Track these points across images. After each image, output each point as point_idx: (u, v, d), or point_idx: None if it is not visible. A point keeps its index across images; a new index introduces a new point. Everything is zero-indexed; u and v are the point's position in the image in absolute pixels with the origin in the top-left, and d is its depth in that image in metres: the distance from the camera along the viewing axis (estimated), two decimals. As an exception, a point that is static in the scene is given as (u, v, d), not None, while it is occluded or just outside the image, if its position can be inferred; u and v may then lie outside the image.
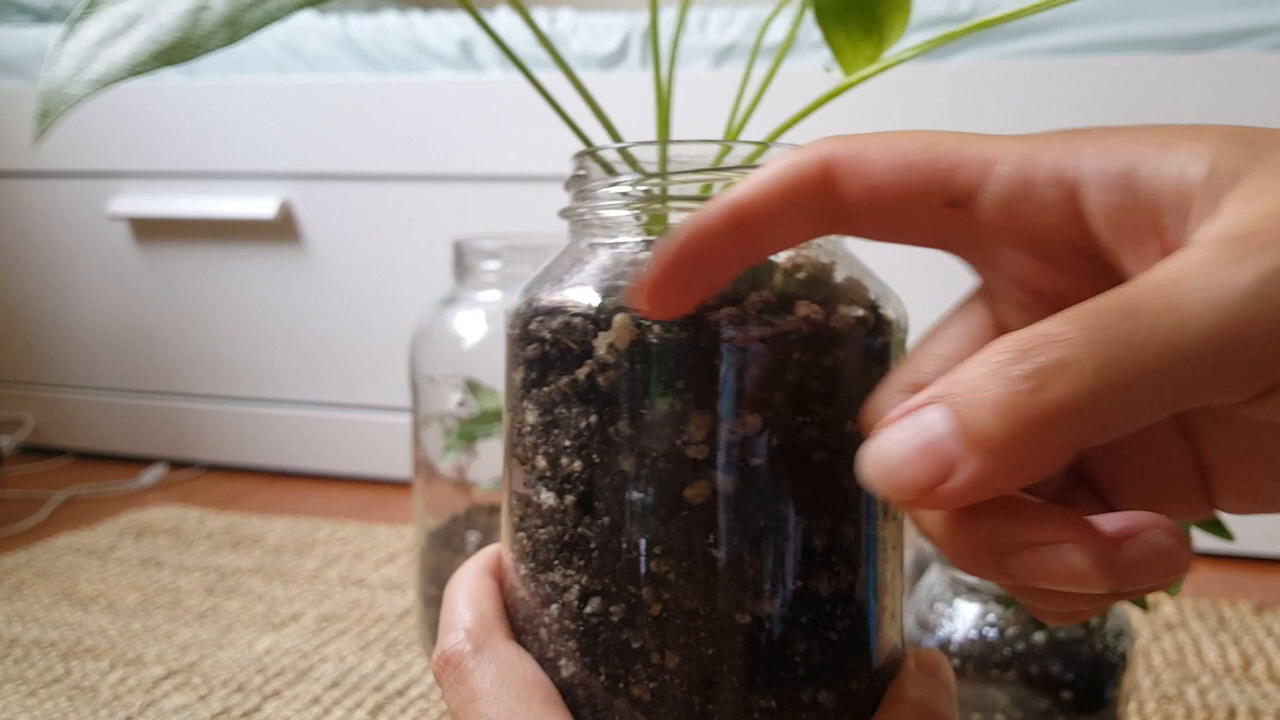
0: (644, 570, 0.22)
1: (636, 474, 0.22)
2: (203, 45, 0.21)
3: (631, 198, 0.24)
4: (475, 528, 0.65)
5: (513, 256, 0.63)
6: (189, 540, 0.92)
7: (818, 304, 0.22)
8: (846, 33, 0.25)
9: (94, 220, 1.19)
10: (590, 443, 0.23)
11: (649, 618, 0.22)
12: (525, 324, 0.24)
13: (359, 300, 1.13)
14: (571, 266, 0.24)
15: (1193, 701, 0.62)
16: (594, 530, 0.23)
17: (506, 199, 1.07)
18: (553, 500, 0.23)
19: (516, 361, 0.24)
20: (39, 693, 0.63)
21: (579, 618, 0.23)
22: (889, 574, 0.24)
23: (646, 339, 0.22)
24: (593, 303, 0.23)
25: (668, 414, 0.22)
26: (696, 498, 0.22)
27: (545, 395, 0.23)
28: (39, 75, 0.21)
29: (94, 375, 1.24)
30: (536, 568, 0.24)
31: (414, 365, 0.65)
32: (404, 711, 0.61)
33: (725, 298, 0.22)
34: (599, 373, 0.22)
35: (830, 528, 0.23)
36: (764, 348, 0.22)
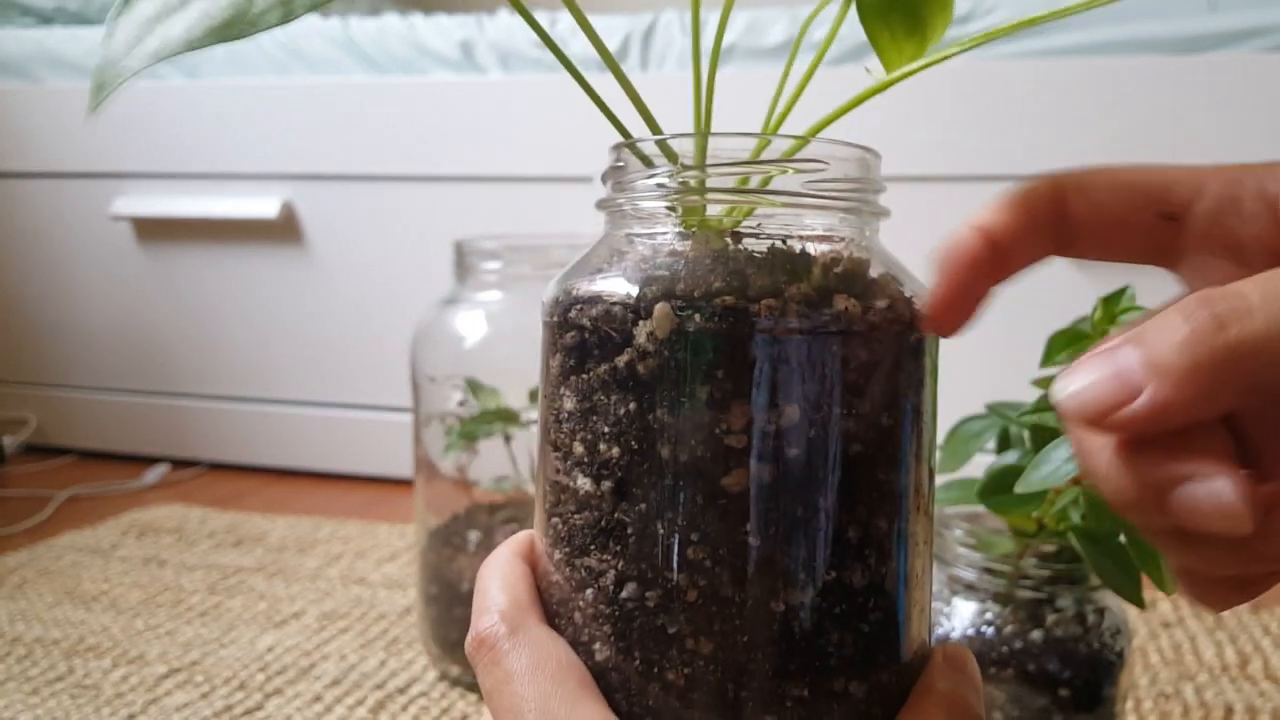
0: (680, 557, 0.22)
1: (675, 461, 0.22)
2: (257, 23, 0.21)
3: (668, 189, 0.24)
4: (476, 526, 0.65)
5: (513, 257, 0.63)
6: (191, 539, 0.92)
7: (855, 297, 0.23)
8: (890, 31, 0.25)
9: (97, 221, 1.19)
10: (629, 430, 0.23)
11: (684, 604, 0.22)
12: (565, 312, 0.24)
13: (360, 300, 1.13)
14: (610, 257, 0.25)
15: (1190, 700, 0.62)
16: (631, 516, 0.23)
17: (507, 200, 1.07)
18: (589, 486, 0.23)
19: (554, 348, 0.25)
20: (41, 691, 0.63)
21: (614, 602, 0.23)
22: (919, 568, 0.25)
23: (687, 328, 0.22)
24: (632, 291, 0.23)
25: (707, 403, 0.22)
26: (734, 486, 0.22)
27: (584, 382, 0.23)
28: (96, 55, 0.21)
29: (97, 375, 1.24)
30: (572, 552, 0.24)
31: (415, 365, 0.65)
32: (405, 709, 0.61)
33: (765, 290, 0.22)
34: (639, 360, 0.22)
35: (865, 520, 0.23)
36: (802, 339, 0.22)
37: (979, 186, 0.94)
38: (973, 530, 0.45)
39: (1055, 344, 0.45)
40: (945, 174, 0.93)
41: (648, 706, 0.23)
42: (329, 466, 1.17)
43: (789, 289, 0.22)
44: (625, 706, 0.23)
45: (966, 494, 0.45)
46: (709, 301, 0.22)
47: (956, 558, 0.45)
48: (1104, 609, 0.44)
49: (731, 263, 0.23)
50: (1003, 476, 0.42)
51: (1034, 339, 0.47)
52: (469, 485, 0.66)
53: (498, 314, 0.65)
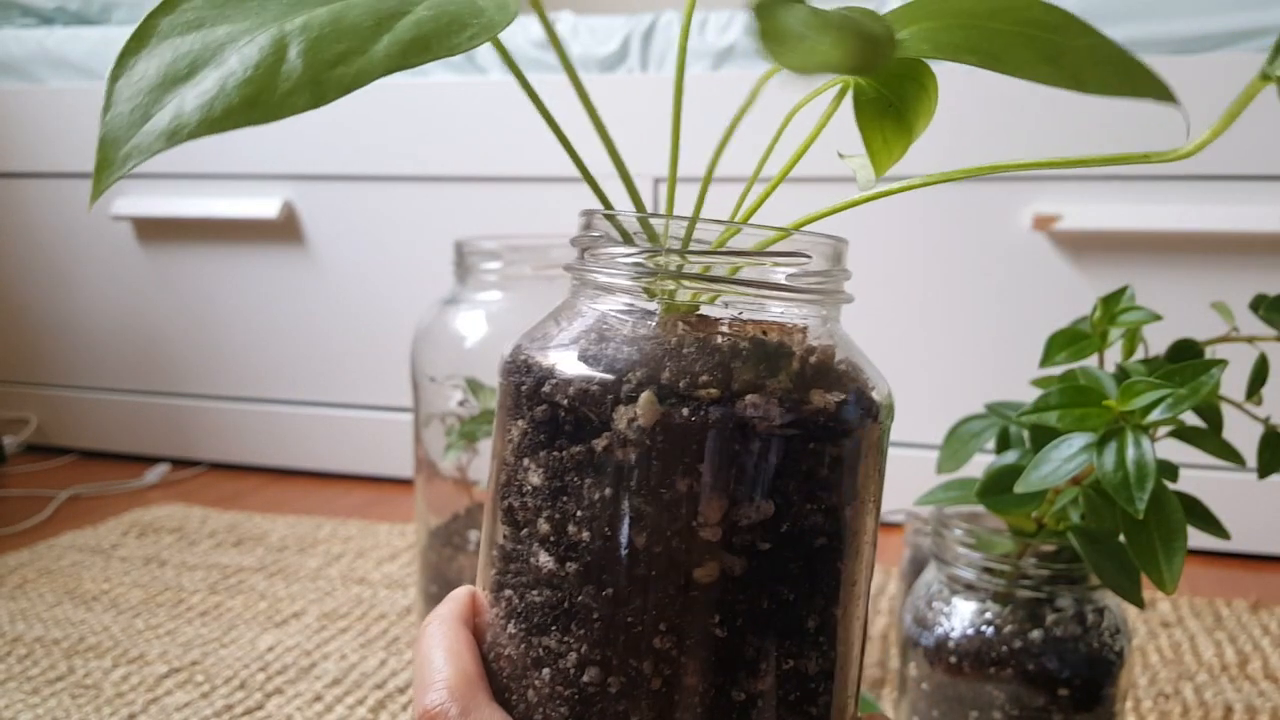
0: (647, 645, 0.22)
1: (648, 550, 0.22)
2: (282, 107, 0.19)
3: (646, 270, 0.24)
4: (476, 526, 0.65)
5: (513, 257, 0.63)
6: (192, 539, 0.93)
7: (828, 391, 0.23)
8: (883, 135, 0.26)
9: (98, 221, 1.20)
10: (602, 515, 0.23)
11: (648, 691, 0.22)
12: (538, 383, 0.24)
13: (361, 300, 1.13)
14: (585, 331, 0.24)
15: (1189, 699, 0.62)
16: (598, 601, 0.23)
17: (507, 200, 1.07)
18: (552, 565, 0.23)
19: (519, 415, 0.24)
20: (42, 690, 0.63)
21: (574, 684, 0.23)
22: (857, 647, 0.25)
23: (672, 419, 0.22)
24: (612, 375, 0.23)
25: (685, 494, 0.22)
26: (705, 578, 0.22)
27: (554, 460, 0.23)
28: (97, 117, 0.19)
29: (97, 375, 1.25)
30: (529, 630, 0.24)
31: (415, 365, 0.65)
32: (405, 709, 0.62)
33: (748, 384, 0.22)
34: (618, 447, 0.22)
35: (822, 608, 0.24)
36: (783, 436, 0.22)
37: (978, 187, 0.94)
38: (972, 530, 0.45)
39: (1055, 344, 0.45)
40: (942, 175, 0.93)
41: None
42: (329, 466, 1.17)
43: (770, 383, 0.22)
44: None
45: (966, 494, 0.45)
46: (694, 393, 0.22)
47: (956, 557, 0.45)
48: (1103, 608, 0.44)
49: (714, 353, 0.23)
50: (1002, 476, 0.42)
51: (1034, 339, 0.47)
52: (469, 485, 0.66)
53: (498, 314, 0.65)
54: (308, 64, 0.19)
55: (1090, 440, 0.37)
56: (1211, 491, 0.46)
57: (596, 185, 0.27)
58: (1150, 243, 0.90)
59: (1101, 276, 0.92)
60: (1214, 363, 0.38)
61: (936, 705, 0.45)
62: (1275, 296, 0.43)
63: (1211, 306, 0.46)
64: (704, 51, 1.01)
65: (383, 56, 0.19)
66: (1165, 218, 0.89)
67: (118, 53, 0.20)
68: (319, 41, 0.19)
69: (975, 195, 0.94)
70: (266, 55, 0.19)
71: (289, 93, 0.19)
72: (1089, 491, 0.39)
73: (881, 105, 0.25)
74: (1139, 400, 0.36)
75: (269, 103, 0.19)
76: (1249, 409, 0.43)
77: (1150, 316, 0.43)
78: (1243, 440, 0.43)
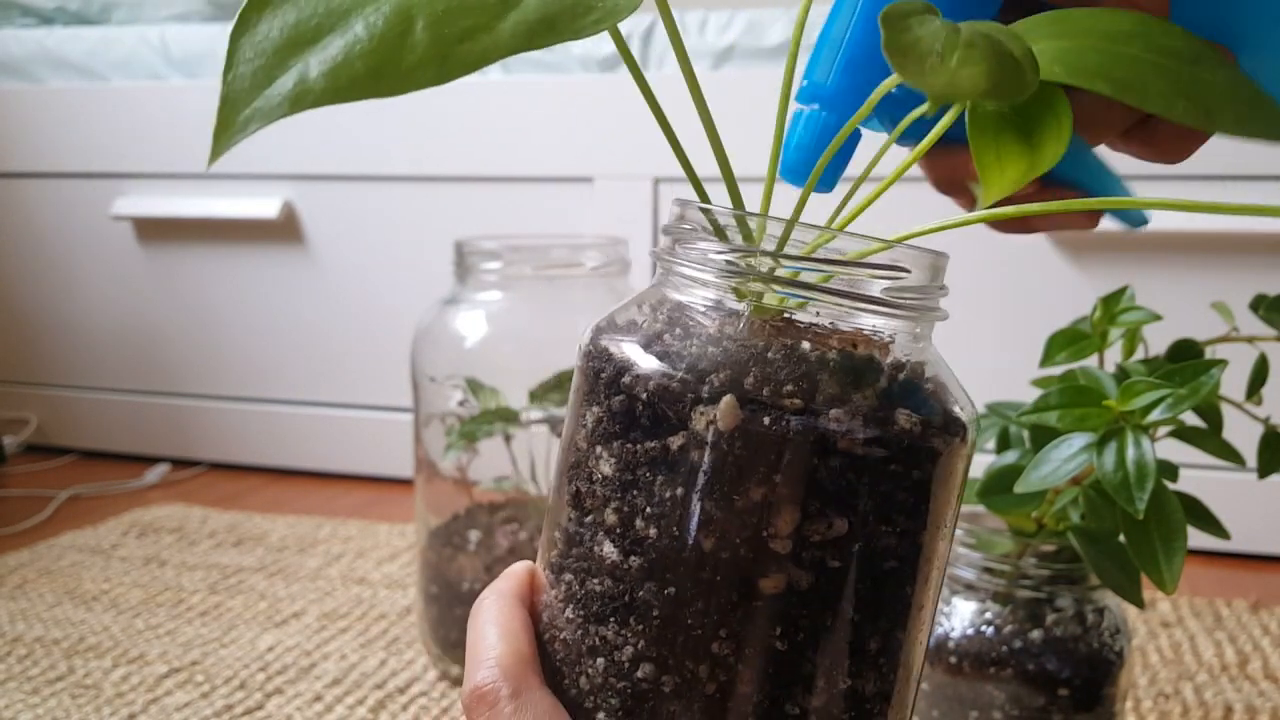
0: (705, 649, 0.22)
1: (715, 555, 0.22)
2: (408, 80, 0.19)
3: (734, 269, 0.23)
4: (476, 526, 0.65)
5: (513, 257, 0.63)
6: (192, 539, 0.93)
7: (914, 411, 0.22)
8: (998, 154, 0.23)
9: (98, 221, 1.20)
10: (671, 514, 0.22)
11: (702, 695, 0.22)
12: (617, 374, 0.23)
13: (361, 300, 1.13)
14: (668, 324, 0.24)
15: (1189, 699, 0.62)
16: (659, 599, 0.22)
17: (507, 200, 1.07)
18: (616, 556, 0.23)
19: (594, 400, 0.24)
20: (42, 690, 0.63)
21: (626, 678, 0.23)
22: (916, 670, 0.25)
23: (751, 427, 0.22)
24: (694, 374, 0.22)
25: (758, 503, 0.22)
26: (771, 589, 0.22)
27: (628, 452, 0.23)
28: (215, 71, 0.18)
29: (97, 375, 1.25)
30: (587, 617, 0.24)
31: (415, 365, 0.65)
32: (405, 709, 0.62)
33: (833, 398, 0.22)
34: (694, 447, 0.22)
35: (886, 631, 0.23)
36: (865, 455, 0.22)
37: (979, 186, 0.94)
38: (973, 530, 0.45)
39: (1055, 344, 0.45)
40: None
41: None
42: (329, 466, 1.17)
43: (855, 398, 0.22)
44: None
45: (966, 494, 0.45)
46: (776, 402, 0.22)
47: (956, 557, 0.45)
48: (1103, 608, 0.44)
49: (801, 362, 0.22)
50: (1002, 476, 0.42)
51: (1034, 339, 0.47)
52: (469, 485, 0.66)
53: (498, 314, 0.65)
54: (434, 38, 0.19)
55: (1090, 440, 0.37)
56: (1211, 491, 0.46)
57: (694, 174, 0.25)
58: (1150, 243, 0.90)
59: (1101, 276, 0.92)
60: (1214, 363, 0.38)
61: (936, 705, 0.45)
62: (1275, 296, 0.43)
63: (1211, 306, 0.46)
64: (704, 52, 1.01)
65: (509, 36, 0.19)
66: (1165, 218, 0.89)
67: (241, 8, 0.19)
68: (446, 15, 0.19)
69: (975, 195, 0.94)
70: (393, 25, 0.18)
71: (414, 66, 0.18)
72: (1089, 491, 0.39)
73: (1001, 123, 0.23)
74: (1139, 400, 0.36)
75: (394, 75, 0.18)
76: (1249, 409, 0.43)
77: (1150, 316, 0.43)
78: (1243, 440, 0.43)
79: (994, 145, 0.23)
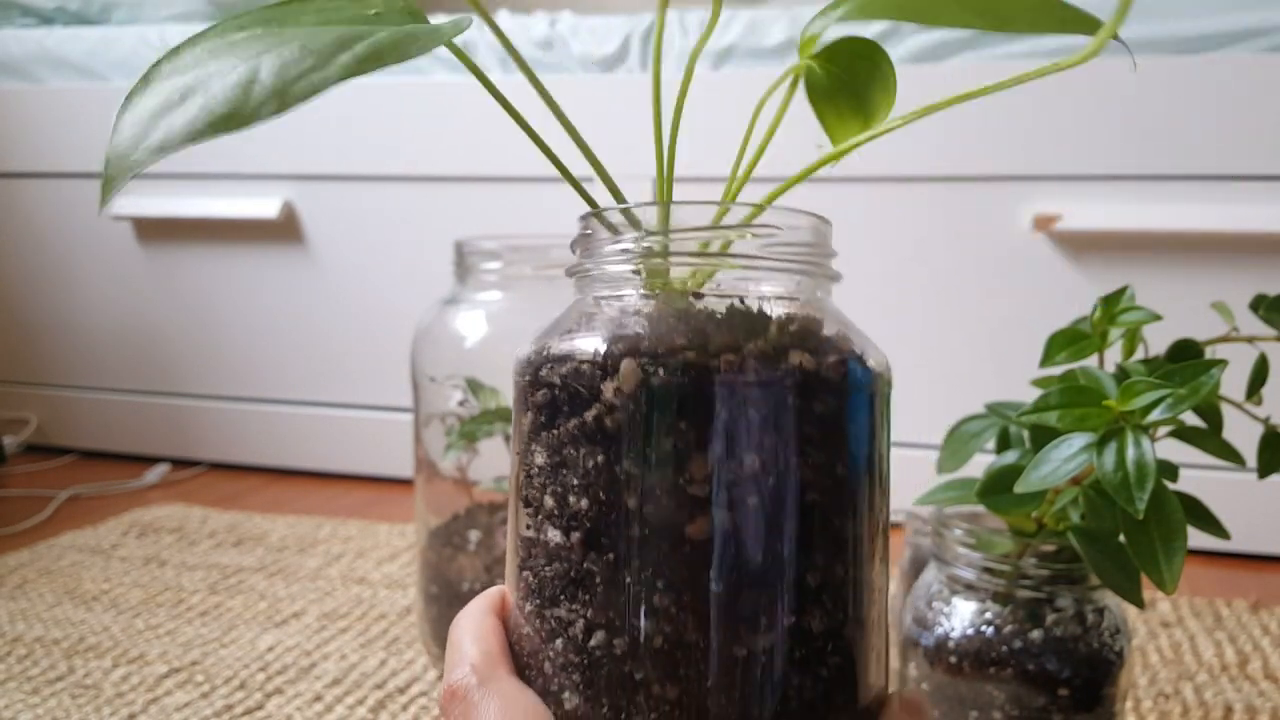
0: (647, 604, 0.23)
1: (640, 511, 0.23)
2: (254, 115, 0.22)
3: (633, 254, 0.25)
4: (476, 526, 0.65)
5: (513, 257, 0.63)
6: (192, 539, 0.93)
7: (809, 353, 0.24)
8: (837, 112, 0.27)
9: (98, 221, 1.20)
10: (597, 481, 0.23)
11: (651, 650, 0.23)
12: (536, 370, 0.25)
13: (361, 300, 1.13)
14: (579, 319, 0.26)
15: (1189, 699, 0.62)
16: (599, 566, 0.23)
17: (507, 200, 1.07)
18: (559, 538, 0.24)
19: (525, 406, 0.25)
20: (42, 690, 0.63)
21: (583, 651, 0.24)
22: (875, 615, 0.25)
23: (651, 383, 0.23)
24: (600, 349, 0.24)
25: (670, 454, 0.23)
26: (697, 534, 0.23)
27: (554, 437, 0.24)
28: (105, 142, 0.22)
29: (97, 375, 1.25)
30: (542, 604, 0.25)
31: (415, 365, 0.65)
32: (405, 709, 0.62)
33: (724, 345, 0.23)
34: (606, 415, 0.23)
35: (823, 566, 0.24)
36: (760, 392, 0.23)
37: (978, 187, 0.94)
38: (972, 530, 0.45)
39: (1055, 344, 0.45)
40: (944, 174, 0.93)
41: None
42: (329, 466, 1.17)
43: (747, 345, 0.23)
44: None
45: (966, 494, 0.45)
46: (672, 357, 0.23)
47: (956, 557, 0.45)
48: (1103, 608, 0.44)
49: (693, 321, 0.24)
50: (1002, 476, 0.42)
51: (1034, 339, 0.47)
52: (469, 485, 0.66)
53: (498, 314, 0.65)
54: (275, 81, 0.23)
55: (1090, 440, 0.37)
56: (1211, 491, 0.46)
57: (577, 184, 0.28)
58: (1150, 243, 0.90)
59: (1101, 277, 0.92)
60: (1214, 363, 0.38)
61: (936, 705, 0.45)
62: (1275, 296, 0.43)
63: (1211, 306, 0.46)
64: (704, 51, 1.01)
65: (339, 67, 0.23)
66: (1165, 218, 0.89)
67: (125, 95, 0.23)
68: (287, 65, 0.23)
69: (974, 195, 0.94)
70: (243, 79, 0.23)
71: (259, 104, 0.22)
72: (1089, 491, 0.39)
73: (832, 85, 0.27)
74: (1139, 400, 0.36)
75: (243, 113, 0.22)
76: (1249, 409, 0.43)
77: (1150, 316, 0.43)
78: (1243, 440, 0.43)
79: (832, 108, 0.27)
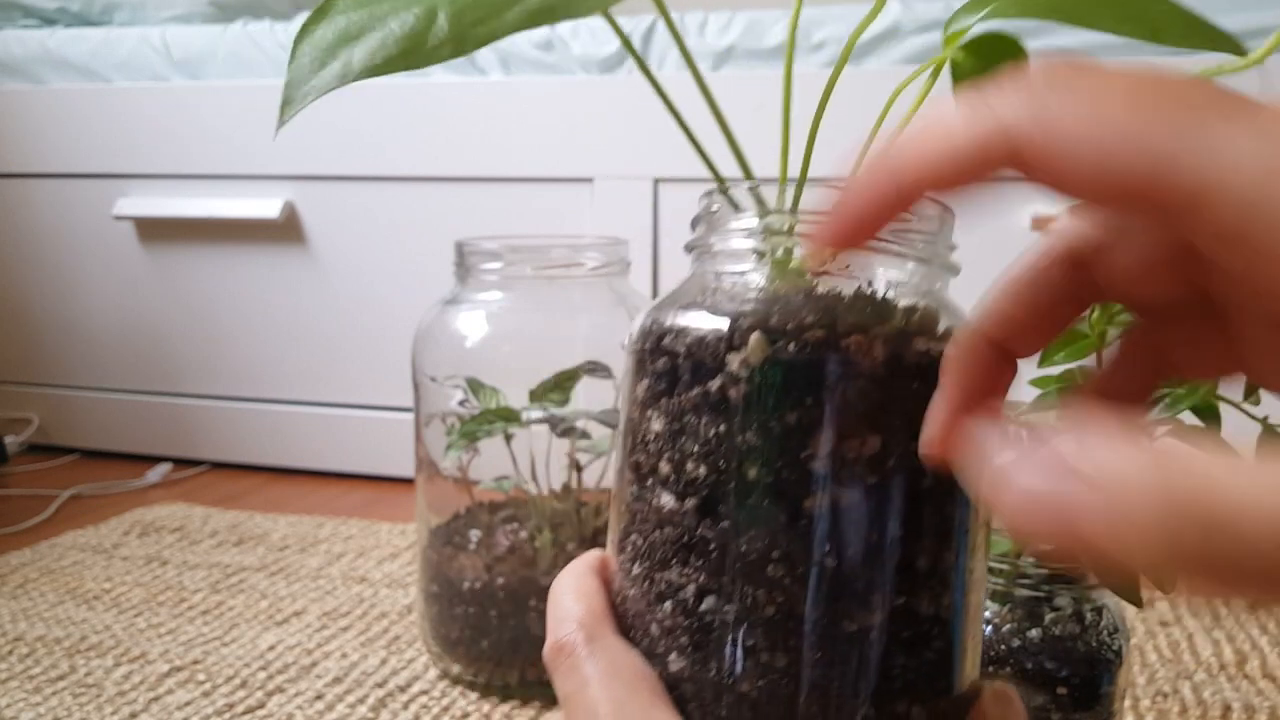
0: (760, 574, 0.23)
1: (760, 482, 0.23)
2: (432, 56, 0.23)
3: (758, 231, 0.25)
4: (477, 525, 0.65)
5: (513, 257, 0.63)
6: (193, 538, 0.93)
7: (932, 341, 0.24)
8: None
9: (100, 221, 1.20)
10: (717, 450, 0.24)
11: (763, 619, 0.23)
12: (658, 339, 0.25)
13: (362, 300, 1.14)
14: (701, 292, 0.26)
15: (1187, 698, 0.62)
16: (714, 533, 0.24)
17: (507, 200, 1.07)
18: (673, 503, 0.24)
19: (642, 374, 0.26)
20: (44, 689, 0.64)
21: (692, 615, 0.24)
22: (975, 604, 0.26)
23: (780, 357, 0.23)
24: (726, 322, 0.24)
25: (794, 428, 0.23)
26: (815, 508, 0.23)
27: (674, 405, 0.25)
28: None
29: (99, 375, 1.25)
30: (651, 567, 0.25)
31: (416, 365, 0.66)
32: (406, 708, 0.62)
33: (853, 326, 0.23)
34: (730, 386, 0.24)
35: (933, 550, 0.24)
36: (887, 374, 0.23)
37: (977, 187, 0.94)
38: (971, 529, 0.45)
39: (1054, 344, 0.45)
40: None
41: (721, 717, 0.24)
42: (330, 466, 1.17)
43: (874, 328, 0.24)
44: (698, 716, 0.24)
45: (965, 493, 0.45)
46: (800, 334, 0.23)
47: (954, 556, 0.45)
48: (1102, 607, 0.44)
49: (820, 301, 0.24)
50: (1000, 475, 0.42)
51: (1032, 339, 0.47)
52: (470, 484, 0.66)
53: (498, 314, 0.65)
54: (453, 25, 0.23)
55: (1088, 439, 0.37)
56: (1209, 491, 0.46)
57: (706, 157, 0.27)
58: (1150, 243, 0.90)
59: (1101, 276, 0.92)
60: (1211, 362, 0.38)
61: (935, 704, 0.45)
62: (1273, 296, 0.43)
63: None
64: (704, 52, 1.01)
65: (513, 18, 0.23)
66: (1165, 218, 0.90)
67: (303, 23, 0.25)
68: (463, 9, 0.23)
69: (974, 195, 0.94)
70: (420, 20, 0.23)
71: (437, 46, 0.23)
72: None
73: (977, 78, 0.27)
74: (1136, 400, 0.36)
75: (420, 53, 0.23)
76: (1247, 409, 0.43)
77: (1148, 316, 0.43)
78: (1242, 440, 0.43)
79: None
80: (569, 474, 0.65)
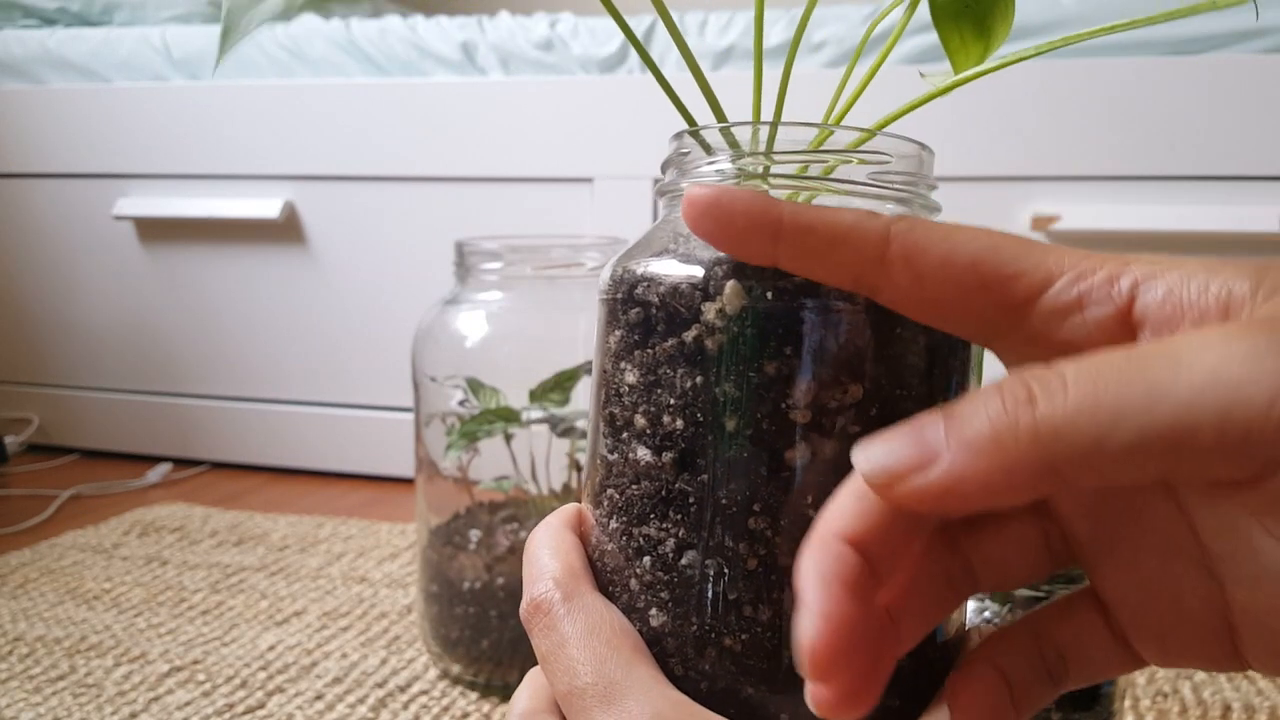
0: (742, 526, 0.23)
1: (740, 434, 0.23)
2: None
3: (727, 175, 0.25)
4: (477, 525, 0.65)
5: (513, 257, 0.63)
6: (193, 538, 0.93)
7: None
8: (960, 35, 0.27)
9: (100, 221, 1.20)
10: (694, 402, 0.23)
11: (745, 571, 0.23)
12: (630, 288, 0.24)
13: (362, 300, 1.14)
14: (673, 239, 0.25)
15: (1187, 698, 0.62)
16: (693, 486, 0.23)
17: (507, 200, 1.07)
18: (650, 457, 0.24)
19: (615, 324, 0.25)
20: (44, 689, 0.64)
21: (672, 569, 0.24)
22: None
23: (757, 305, 0.23)
24: (700, 270, 0.23)
25: (773, 378, 0.22)
26: (797, 459, 0.23)
27: (648, 356, 0.24)
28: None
29: (99, 374, 1.25)
30: (629, 521, 0.24)
31: (416, 365, 0.66)
32: (406, 708, 0.62)
33: None
34: (707, 336, 0.23)
35: None
36: (868, 319, 0.23)
37: (977, 187, 0.94)
38: (970, 529, 0.45)
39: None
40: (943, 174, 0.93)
41: (703, 671, 0.23)
42: (330, 466, 1.17)
43: None
44: (680, 671, 0.23)
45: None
46: (778, 280, 0.23)
47: (954, 556, 0.45)
48: (1101, 607, 0.44)
49: None
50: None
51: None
52: (470, 484, 0.66)
53: (498, 314, 0.65)
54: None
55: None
56: (1209, 490, 0.46)
57: (682, 106, 0.27)
58: (1149, 243, 0.90)
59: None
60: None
61: (935, 703, 0.45)
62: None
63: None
64: (704, 52, 1.01)
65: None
66: (1164, 218, 0.90)
67: None
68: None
69: (974, 195, 0.94)
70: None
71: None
72: (1086, 490, 0.40)
73: (959, 11, 0.27)
74: (1136, 399, 0.36)
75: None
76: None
77: (1148, 316, 0.43)
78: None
79: (955, 29, 0.27)
80: (569, 474, 0.65)
